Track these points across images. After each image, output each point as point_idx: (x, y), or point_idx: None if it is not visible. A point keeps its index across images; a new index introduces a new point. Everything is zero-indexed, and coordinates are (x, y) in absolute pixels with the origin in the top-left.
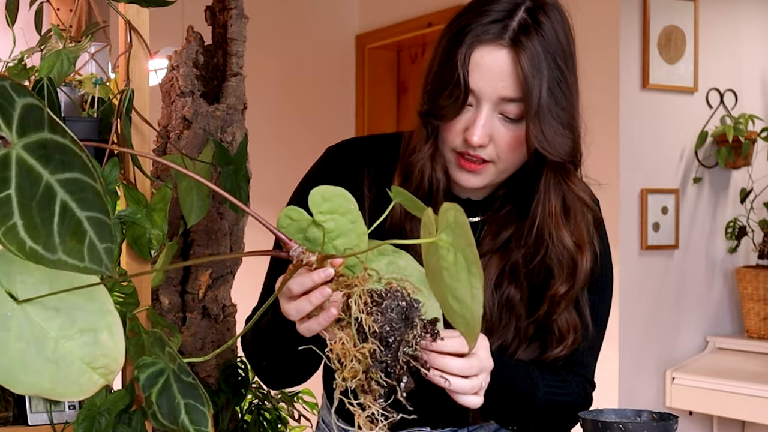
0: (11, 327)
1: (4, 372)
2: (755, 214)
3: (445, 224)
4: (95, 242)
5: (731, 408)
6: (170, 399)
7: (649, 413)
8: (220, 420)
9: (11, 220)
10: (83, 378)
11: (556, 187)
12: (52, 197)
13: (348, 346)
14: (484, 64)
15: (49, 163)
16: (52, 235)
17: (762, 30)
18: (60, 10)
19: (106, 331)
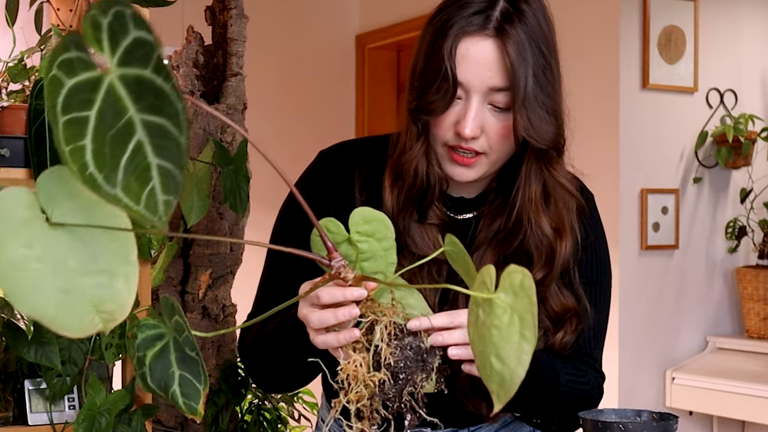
0: (35, 246)
1: (14, 287)
2: (755, 214)
3: (508, 285)
4: (157, 191)
5: (731, 408)
6: (165, 366)
7: (649, 413)
8: (220, 420)
9: (82, 141)
10: (86, 317)
11: (538, 173)
12: (130, 135)
13: (361, 370)
14: (471, 56)
15: (140, 101)
16: (117, 170)
17: (762, 30)
18: (60, 10)
19: (122, 279)
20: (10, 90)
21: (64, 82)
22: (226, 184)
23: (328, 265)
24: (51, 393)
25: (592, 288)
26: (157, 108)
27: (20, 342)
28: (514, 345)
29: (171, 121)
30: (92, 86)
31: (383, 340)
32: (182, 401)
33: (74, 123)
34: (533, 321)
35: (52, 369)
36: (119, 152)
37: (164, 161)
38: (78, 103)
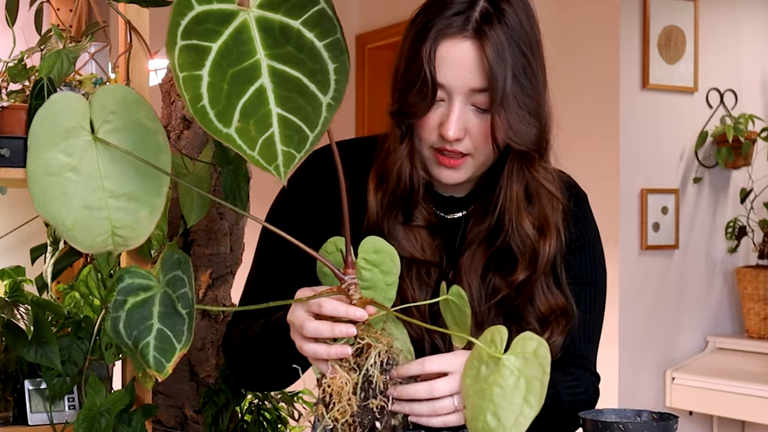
0: (74, 155)
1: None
2: (755, 214)
3: (520, 350)
4: (276, 140)
5: (731, 408)
6: (144, 317)
7: (649, 413)
8: (220, 420)
9: (199, 71)
10: (101, 237)
11: (519, 174)
12: (253, 77)
13: (347, 388)
14: (450, 58)
15: (276, 48)
16: (233, 109)
17: (762, 30)
18: (60, 10)
19: (148, 209)
20: (10, 90)
21: (192, 6)
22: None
23: (342, 278)
24: (51, 393)
25: (586, 288)
26: (296, 60)
27: (20, 342)
28: (515, 408)
29: (312, 77)
30: (223, 18)
31: (375, 365)
32: (152, 355)
33: (192, 50)
34: (541, 390)
35: (52, 369)
36: (237, 91)
37: (290, 114)
38: (202, 32)
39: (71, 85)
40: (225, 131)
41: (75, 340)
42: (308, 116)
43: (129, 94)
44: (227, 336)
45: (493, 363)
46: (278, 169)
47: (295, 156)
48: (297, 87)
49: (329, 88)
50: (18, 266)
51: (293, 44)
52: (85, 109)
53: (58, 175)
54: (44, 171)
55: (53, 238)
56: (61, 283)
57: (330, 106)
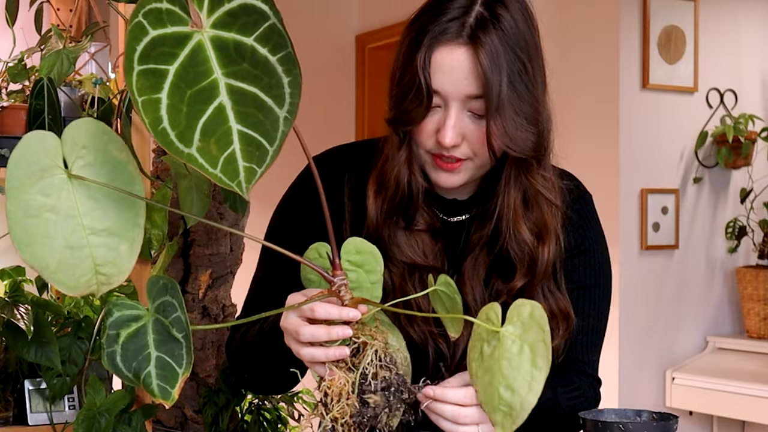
0: (51, 194)
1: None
2: (755, 214)
3: (516, 318)
4: (237, 157)
5: (731, 408)
6: (140, 348)
7: (649, 413)
8: (220, 420)
9: (158, 94)
10: (85, 277)
11: (517, 181)
12: (212, 96)
13: (346, 388)
14: (446, 65)
15: (232, 66)
16: (194, 129)
17: (762, 30)
18: (60, 10)
19: (128, 243)
20: (10, 90)
21: (147, 31)
22: None
23: (331, 281)
24: (51, 393)
25: (588, 293)
26: (252, 77)
27: (20, 342)
28: (525, 374)
29: (269, 92)
30: (178, 41)
31: (372, 363)
32: (156, 384)
33: (150, 74)
34: (546, 350)
35: (52, 369)
36: (197, 112)
37: (249, 129)
38: (158, 55)
39: (71, 85)
40: (186, 152)
41: (75, 340)
42: (267, 131)
43: (99, 127)
44: (230, 339)
45: (494, 338)
46: (240, 185)
47: (257, 171)
48: (255, 102)
49: (285, 101)
50: (18, 266)
51: (248, 61)
52: (57, 147)
53: (38, 216)
54: (24, 213)
55: None
56: None
57: (286, 120)
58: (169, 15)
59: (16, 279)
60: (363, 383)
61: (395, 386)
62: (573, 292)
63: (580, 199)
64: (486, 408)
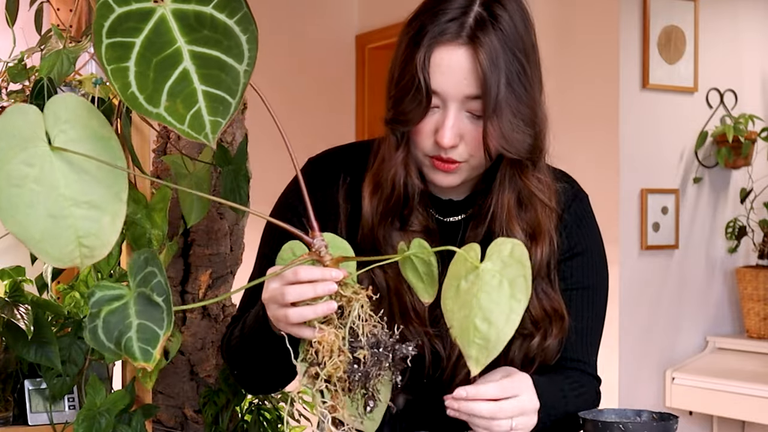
0: (35, 165)
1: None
2: (755, 214)
3: (496, 255)
4: (203, 113)
5: (731, 408)
6: (122, 318)
7: (649, 413)
8: (220, 420)
9: (125, 63)
10: (68, 248)
11: (511, 182)
12: (175, 63)
13: (338, 342)
14: (445, 65)
15: (193, 34)
16: (160, 92)
17: (762, 30)
18: (60, 10)
19: (110, 216)
20: (10, 90)
21: (113, 9)
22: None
23: (310, 243)
24: (51, 393)
25: (586, 293)
26: (213, 41)
27: (20, 342)
28: (504, 306)
29: (229, 52)
30: (142, 16)
31: (360, 318)
32: (137, 346)
33: (118, 46)
34: (525, 285)
35: (52, 369)
36: (163, 77)
37: (212, 88)
38: (125, 30)
39: (71, 85)
40: (155, 111)
41: (75, 340)
42: (229, 86)
43: (81, 103)
44: (223, 337)
45: (473, 275)
46: (207, 136)
47: (221, 122)
48: (217, 64)
49: (244, 57)
50: (18, 266)
51: (208, 28)
52: (40, 120)
53: (22, 186)
54: (8, 183)
55: None
56: (61, 283)
57: (246, 72)
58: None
59: (16, 279)
60: (352, 340)
61: (383, 344)
62: (570, 293)
63: (575, 200)
64: (461, 343)
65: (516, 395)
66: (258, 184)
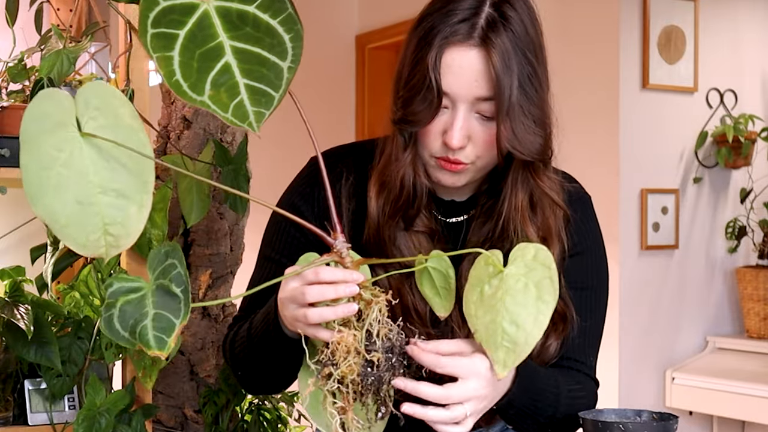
0: (64, 149)
1: (38, 186)
2: (755, 214)
3: (520, 260)
4: (246, 104)
5: (731, 408)
6: (138, 308)
7: (649, 413)
8: (220, 420)
9: (170, 52)
10: (93, 235)
11: (524, 182)
12: (218, 56)
13: (355, 343)
14: (457, 66)
15: (235, 30)
16: (204, 81)
17: (762, 30)
18: (60, 10)
19: (137, 206)
20: (10, 90)
21: (158, 2)
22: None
23: (332, 244)
24: (51, 393)
25: (585, 294)
26: (255, 39)
27: (20, 342)
28: (531, 309)
29: (271, 50)
30: (186, 10)
31: (377, 320)
32: (152, 335)
33: (162, 36)
34: (552, 287)
35: (52, 369)
36: (206, 67)
37: (254, 82)
38: (169, 22)
39: (71, 85)
40: (199, 99)
41: (75, 340)
42: (271, 81)
43: (112, 91)
44: (225, 338)
45: (496, 279)
46: (251, 125)
47: (265, 113)
48: (258, 60)
49: (287, 54)
50: (18, 266)
51: (250, 26)
52: (71, 106)
53: (51, 168)
54: (38, 165)
55: (53, 238)
56: (61, 283)
57: (290, 68)
58: None
59: (16, 279)
60: (368, 344)
61: (398, 348)
62: (571, 293)
63: (579, 201)
64: (487, 347)
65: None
66: (258, 184)
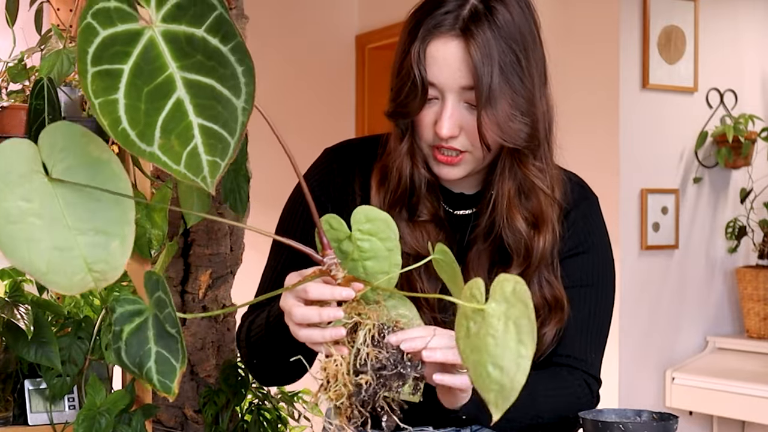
0: (34, 200)
1: (9, 240)
2: (755, 214)
3: (499, 294)
4: (200, 152)
5: (731, 408)
6: (142, 342)
7: (649, 413)
8: (220, 420)
9: (114, 95)
10: (78, 276)
11: (511, 171)
12: (168, 92)
13: (341, 369)
14: (440, 57)
15: (185, 59)
16: (153, 127)
17: (762, 30)
18: (60, 10)
19: (118, 240)
20: (10, 90)
21: (97, 32)
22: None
23: (320, 261)
24: (51, 393)
25: (589, 291)
26: (207, 68)
27: (20, 342)
28: (512, 352)
29: (224, 83)
30: (130, 38)
31: (365, 343)
32: (157, 379)
33: (105, 75)
34: (530, 326)
35: (52, 369)
36: (155, 109)
37: (208, 122)
38: (112, 55)
39: (71, 85)
40: (149, 150)
41: (75, 340)
42: (227, 122)
43: (75, 129)
44: (239, 328)
45: (479, 316)
46: (205, 180)
47: (220, 165)
48: (212, 94)
49: (241, 92)
50: None
51: (201, 52)
52: (35, 153)
53: (21, 221)
54: (7, 220)
55: None
56: None
57: (244, 110)
58: (118, 13)
59: (16, 279)
60: (357, 365)
61: (391, 366)
62: (573, 290)
63: (585, 200)
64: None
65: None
66: (258, 184)
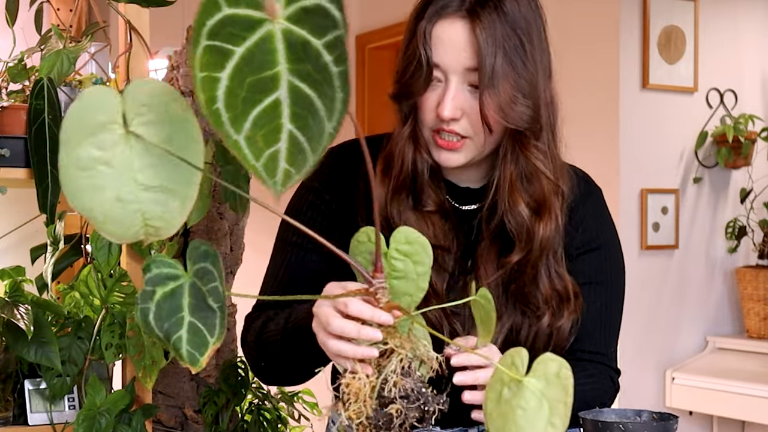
0: (107, 149)
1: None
2: (755, 214)
3: (542, 372)
4: (280, 157)
5: (731, 408)
6: (174, 309)
7: (649, 413)
8: (220, 420)
9: (219, 72)
10: (133, 228)
11: (513, 155)
12: (271, 89)
13: (365, 390)
14: (446, 37)
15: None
16: (246, 117)
17: (762, 30)
18: (60, 10)
19: (180, 200)
20: (10, 90)
21: (221, 8)
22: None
23: (370, 281)
24: (51, 393)
25: (603, 288)
26: (313, 80)
27: (20, 342)
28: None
29: (324, 101)
30: (249, 25)
31: (395, 371)
32: (186, 349)
33: (216, 51)
34: (565, 412)
35: (52, 369)
36: (252, 101)
37: (298, 131)
38: (228, 35)
39: (71, 85)
40: (234, 137)
41: (75, 340)
42: (313, 138)
43: (161, 87)
44: (246, 329)
45: (515, 385)
46: (276, 185)
47: (294, 176)
48: (310, 107)
49: (333, 116)
50: (18, 266)
51: (312, 64)
52: (117, 103)
53: (91, 168)
54: (75, 165)
55: (53, 238)
56: (61, 283)
57: (331, 135)
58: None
59: (16, 279)
60: (382, 389)
61: (414, 396)
62: (588, 287)
63: (591, 195)
64: None
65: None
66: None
